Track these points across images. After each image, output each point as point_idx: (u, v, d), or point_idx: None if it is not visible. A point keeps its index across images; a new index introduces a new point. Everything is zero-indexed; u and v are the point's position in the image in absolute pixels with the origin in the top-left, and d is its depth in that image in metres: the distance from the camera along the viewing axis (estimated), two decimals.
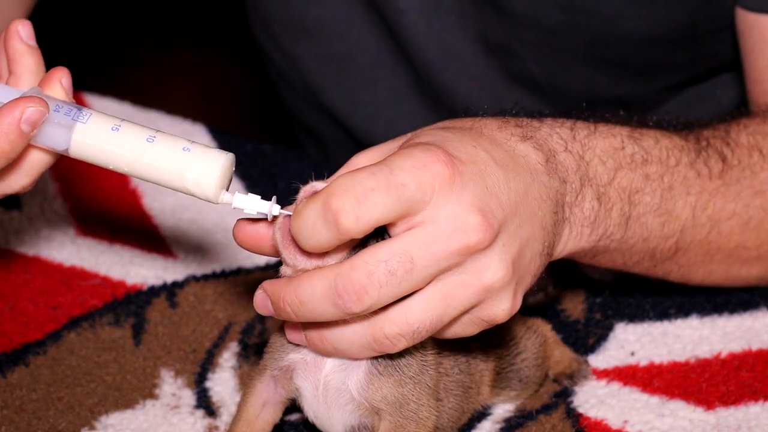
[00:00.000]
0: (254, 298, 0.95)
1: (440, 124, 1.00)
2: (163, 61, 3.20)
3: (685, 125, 1.12)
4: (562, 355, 1.12)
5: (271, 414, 1.02)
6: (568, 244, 1.01)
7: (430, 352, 0.99)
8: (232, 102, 3.08)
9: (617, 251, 1.06)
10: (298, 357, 1.00)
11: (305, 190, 0.94)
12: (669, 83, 1.39)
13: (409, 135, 0.99)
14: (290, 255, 0.93)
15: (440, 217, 0.90)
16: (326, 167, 1.39)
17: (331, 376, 0.99)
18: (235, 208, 0.95)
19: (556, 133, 1.01)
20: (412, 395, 0.98)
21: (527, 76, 1.37)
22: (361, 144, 1.49)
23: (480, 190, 0.92)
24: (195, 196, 0.94)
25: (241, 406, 1.03)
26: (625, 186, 1.04)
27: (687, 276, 1.14)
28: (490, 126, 0.98)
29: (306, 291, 0.91)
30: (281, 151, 1.42)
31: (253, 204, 0.95)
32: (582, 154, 1.02)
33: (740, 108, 1.19)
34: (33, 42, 1.00)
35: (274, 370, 1.01)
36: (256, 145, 1.42)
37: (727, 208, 1.11)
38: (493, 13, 1.33)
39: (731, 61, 1.39)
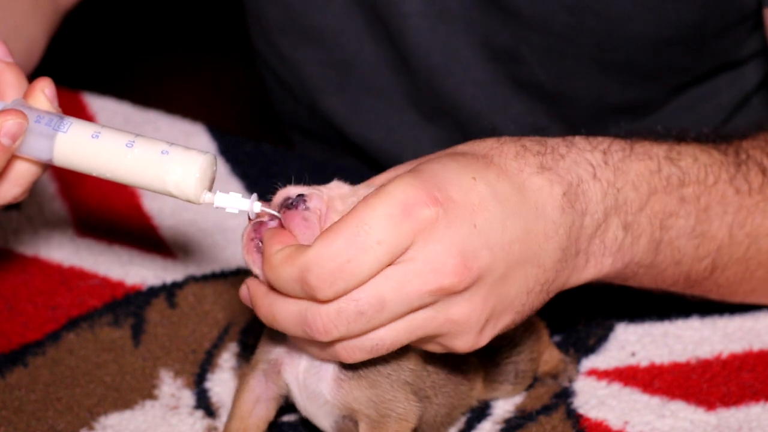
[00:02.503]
0: (240, 289, 0.96)
1: (454, 148, 0.98)
2: (163, 61, 3.20)
3: (724, 137, 1.09)
4: (550, 355, 1.12)
5: (265, 411, 1.02)
6: (586, 273, 0.99)
7: (410, 352, 0.99)
8: (232, 102, 3.07)
9: (647, 275, 1.04)
10: (283, 351, 1.00)
11: (280, 195, 0.95)
12: (674, 84, 1.39)
13: (423, 159, 0.98)
14: (252, 263, 0.94)
15: (418, 257, 0.90)
16: (326, 168, 1.39)
17: (305, 375, 0.99)
18: (217, 208, 0.96)
19: (586, 160, 0.99)
20: (388, 394, 0.98)
21: (533, 82, 1.37)
22: (361, 150, 1.49)
23: (466, 230, 0.91)
24: (177, 198, 0.95)
25: (234, 403, 1.03)
26: (658, 210, 1.01)
27: (727, 295, 1.12)
28: (506, 154, 0.96)
29: (278, 309, 0.92)
30: (281, 151, 1.41)
31: (234, 202, 0.95)
32: (613, 180, 0.99)
33: (735, 118, 1.18)
34: (10, 59, 1.01)
35: (264, 363, 1.01)
36: (256, 145, 1.42)
37: (766, 224, 1.08)
38: (499, 17, 1.33)
39: (735, 59, 1.39)
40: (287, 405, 1.04)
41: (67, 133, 0.97)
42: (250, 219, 0.97)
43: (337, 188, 0.97)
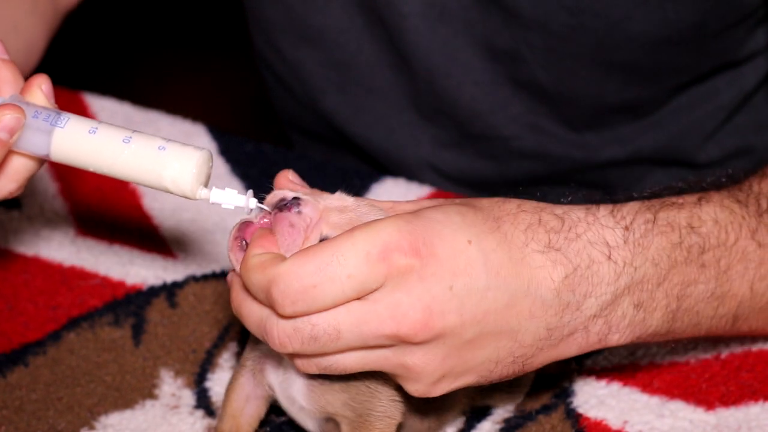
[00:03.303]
0: (228, 276, 0.97)
1: (475, 200, 0.98)
2: (163, 61, 3.19)
3: (737, 179, 1.07)
4: None
5: (256, 409, 1.03)
6: (589, 346, 0.98)
7: None
8: (232, 102, 3.07)
9: (663, 339, 1.03)
10: (266, 349, 1.01)
11: (277, 194, 0.95)
12: (674, 84, 1.39)
13: (426, 203, 0.99)
14: (235, 261, 0.95)
15: (383, 301, 0.90)
16: (326, 168, 1.40)
17: (281, 378, 1.00)
18: (212, 203, 0.96)
19: (603, 239, 0.97)
20: (362, 394, 0.98)
21: (533, 82, 1.37)
22: (362, 151, 1.49)
23: (439, 289, 0.91)
24: (173, 194, 0.96)
25: (225, 401, 1.03)
26: (677, 282, 1.00)
27: (751, 335, 1.11)
28: (518, 223, 0.95)
29: (245, 308, 0.94)
30: (281, 151, 1.41)
31: (230, 198, 0.96)
32: (631, 260, 0.97)
33: (735, 119, 1.16)
34: (6, 56, 1.01)
35: (250, 361, 1.02)
36: (256, 145, 1.42)
37: None
38: (499, 18, 1.33)
39: (735, 59, 1.39)
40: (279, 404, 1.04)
41: (65, 129, 0.97)
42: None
43: (338, 200, 0.96)
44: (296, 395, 0.99)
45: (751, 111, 1.45)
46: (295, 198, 0.95)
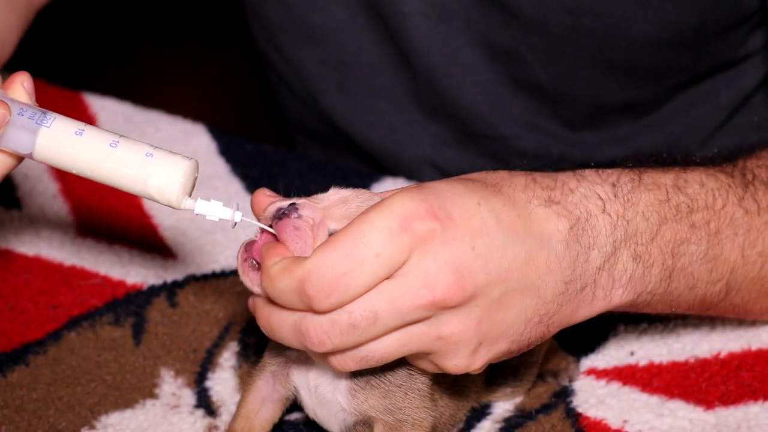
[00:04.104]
0: (248, 301, 0.96)
1: (466, 175, 0.99)
2: (163, 61, 3.20)
3: (728, 157, 1.10)
4: (552, 353, 1.12)
5: (270, 412, 1.03)
6: (595, 306, 0.99)
7: None
8: (232, 102, 3.07)
9: (661, 303, 1.04)
10: (294, 354, 1.00)
11: (271, 207, 0.94)
12: (673, 84, 1.39)
13: (454, 179, 0.98)
14: (250, 283, 0.94)
15: (412, 273, 0.90)
16: (326, 168, 1.40)
17: (319, 381, 0.99)
18: (197, 214, 0.95)
19: (595, 194, 0.99)
20: (403, 401, 0.98)
21: (533, 82, 1.37)
22: (362, 150, 1.49)
23: (463, 250, 0.91)
24: (157, 202, 0.94)
25: (240, 403, 1.03)
26: (669, 239, 1.02)
27: (742, 314, 1.12)
28: (515, 185, 0.97)
29: (275, 321, 0.93)
30: (281, 151, 1.42)
31: (215, 210, 0.95)
32: (623, 213, 0.99)
33: (734, 119, 1.18)
34: None
35: (273, 365, 1.01)
36: (256, 145, 1.42)
37: None
38: (500, 18, 1.33)
39: (734, 58, 1.39)
40: (291, 404, 1.04)
41: (50, 128, 0.95)
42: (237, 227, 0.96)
43: (335, 194, 0.96)
44: (339, 398, 0.99)
45: (750, 112, 1.45)
46: (291, 204, 0.94)
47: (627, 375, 1.13)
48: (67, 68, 2.91)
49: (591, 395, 1.11)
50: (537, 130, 1.41)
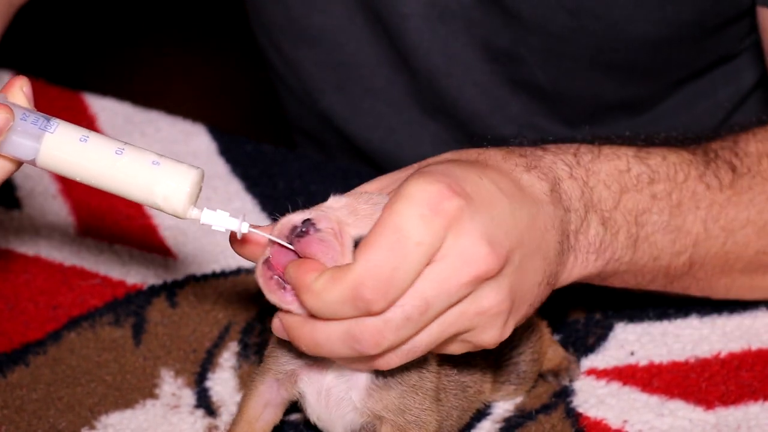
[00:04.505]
0: (272, 323, 0.95)
1: (446, 155, 1.00)
2: (163, 61, 3.20)
3: (692, 139, 1.12)
4: (554, 352, 1.12)
5: (272, 415, 1.03)
6: (574, 271, 1.01)
7: (430, 358, 0.99)
8: (232, 102, 3.07)
9: (628, 273, 1.06)
10: (302, 362, 1.00)
11: (284, 225, 0.93)
12: (671, 80, 1.39)
13: (416, 165, 0.99)
14: (280, 301, 0.93)
15: (451, 253, 0.90)
16: (326, 168, 1.40)
17: (333, 383, 0.99)
18: (203, 224, 0.94)
19: (561, 160, 1.01)
20: (414, 402, 0.99)
21: (532, 83, 1.37)
22: (361, 151, 1.49)
23: (486, 222, 0.92)
24: (163, 211, 0.93)
25: (242, 407, 1.03)
26: (631, 208, 1.04)
27: (708, 290, 1.13)
28: (495, 157, 0.99)
29: (322, 335, 0.91)
30: (281, 151, 1.42)
31: (222, 221, 0.94)
32: (586, 179, 1.02)
33: (751, 118, 1.19)
34: None
35: (279, 374, 1.01)
36: (256, 145, 1.42)
37: (740, 217, 1.10)
38: (500, 19, 1.33)
39: (733, 52, 1.39)
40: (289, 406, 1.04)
41: (54, 134, 0.93)
42: (235, 237, 0.95)
43: (336, 202, 0.95)
44: (354, 398, 0.98)
45: (748, 110, 1.45)
46: (306, 220, 0.93)
47: (627, 375, 1.13)
48: (67, 68, 2.91)
49: (591, 395, 1.11)
50: (535, 129, 1.41)
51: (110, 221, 1.32)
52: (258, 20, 1.48)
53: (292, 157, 1.41)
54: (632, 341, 1.16)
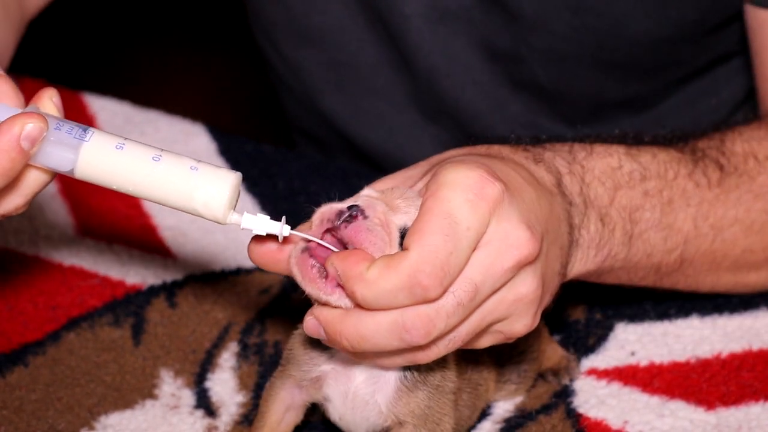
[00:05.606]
0: (305, 322, 0.93)
1: (453, 151, 1.00)
2: (163, 61, 3.20)
3: (680, 138, 1.13)
4: (553, 351, 1.12)
5: (294, 417, 1.02)
6: (576, 266, 1.02)
7: (449, 358, 0.99)
8: (232, 102, 3.08)
9: (622, 269, 1.07)
10: (329, 368, 0.98)
11: (324, 213, 0.91)
12: (673, 79, 1.39)
13: (423, 163, 0.99)
14: (322, 292, 0.91)
15: (496, 238, 0.91)
16: (326, 168, 1.40)
17: (361, 386, 0.98)
18: (243, 229, 0.91)
19: (559, 156, 1.02)
20: (437, 407, 0.98)
21: (533, 83, 1.37)
22: (361, 151, 1.49)
23: (522, 205, 0.92)
24: (202, 217, 0.91)
25: (263, 412, 1.02)
26: (625, 204, 1.04)
27: (695, 286, 1.14)
28: (503, 150, 0.99)
29: (369, 327, 0.90)
30: (281, 152, 1.42)
31: (263, 225, 0.91)
32: (583, 176, 1.03)
33: (735, 116, 1.20)
34: (1, 71, 0.94)
35: (303, 381, 1.00)
36: (256, 145, 1.42)
37: (728, 215, 1.11)
38: (501, 19, 1.33)
39: (734, 50, 1.39)
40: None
41: (90, 143, 0.90)
42: (254, 247, 0.93)
43: (372, 193, 0.94)
44: (380, 401, 0.98)
45: (750, 109, 1.45)
46: (352, 206, 0.92)
47: (628, 375, 1.13)
48: (67, 68, 2.91)
49: (591, 395, 1.11)
50: (537, 129, 1.41)
51: (109, 221, 1.32)
52: (258, 20, 1.48)
53: (292, 157, 1.41)
54: (633, 341, 1.16)
